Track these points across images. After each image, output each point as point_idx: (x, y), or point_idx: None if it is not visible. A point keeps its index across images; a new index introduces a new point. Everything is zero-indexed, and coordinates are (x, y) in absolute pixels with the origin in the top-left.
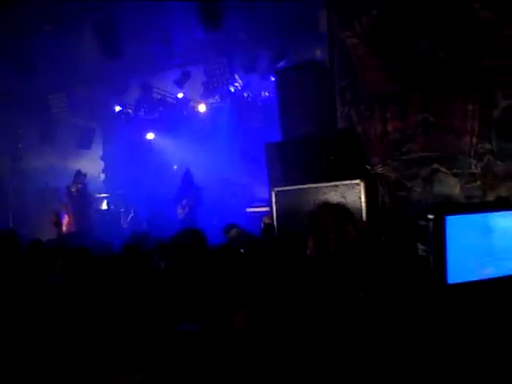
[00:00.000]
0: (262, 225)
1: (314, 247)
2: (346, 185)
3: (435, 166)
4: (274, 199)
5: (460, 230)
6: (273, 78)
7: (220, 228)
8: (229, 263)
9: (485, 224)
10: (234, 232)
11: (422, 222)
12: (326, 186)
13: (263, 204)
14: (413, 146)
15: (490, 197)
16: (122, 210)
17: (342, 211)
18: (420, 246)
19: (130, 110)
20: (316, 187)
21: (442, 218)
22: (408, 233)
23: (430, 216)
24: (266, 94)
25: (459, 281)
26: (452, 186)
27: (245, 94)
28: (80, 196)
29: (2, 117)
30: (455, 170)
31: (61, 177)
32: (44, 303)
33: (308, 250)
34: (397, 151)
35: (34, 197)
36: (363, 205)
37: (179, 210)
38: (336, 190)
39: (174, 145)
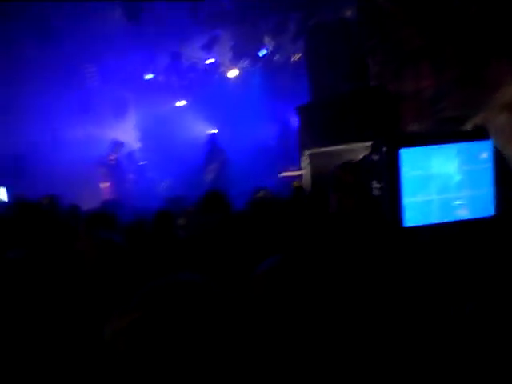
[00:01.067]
0: (292, 188)
1: (335, 206)
2: None
3: (471, 124)
4: (306, 162)
5: (417, 164)
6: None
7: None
8: (253, 224)
9: (447, 157)
10: (261, 193)
11: (375, 157)
12: (359, 147)
13: (297, 168)
14: (447, 104)
15: None
16: (158, 175)
17: (362, 169)
18: (374, 185)
19: (160, 78)
20: (348, 148)
21: (395, 151)
22: None
23: (383, 149)
24: (297, 56)
25: (417, 224)
26: None
27: (275, 58)
28: (118, 164)
29: (36, 89)
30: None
31: (99, 147)
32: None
33: (330, 208)
34: (431, 109)
35: (73, 167)
36: None
37: (206, 175)
38: (367, 151)
39: (207, 110)
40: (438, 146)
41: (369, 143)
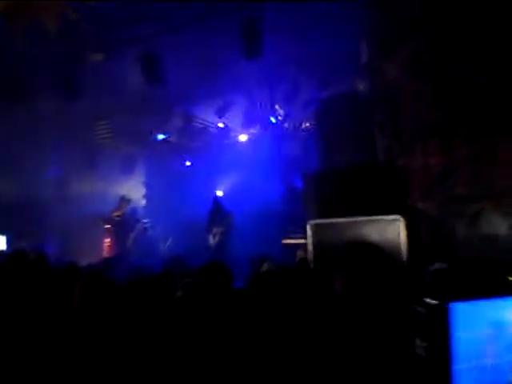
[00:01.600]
0: (297, 258)
1: (341, 285)
2: (385, 220)
3: (481, 203)
4: (309, 232)
5: (472, 321)
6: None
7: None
8: (255, 302)
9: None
10: (265, 265)
11: (421, 309)
12: (365, 221)
13: (300, 235)
14: (457, 181)
15: None
16: (161, 235)
17: (374, 252)
18: (418, 343)
19: (172, 139)
20: (354, 221)
21: (444, 306)
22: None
23: (430, 301)
24: (307, 124)
25: None
26: (499, 225)
27: (285, 125)
28: (123, 221)
29: (47, 142)
30: (503, 208)
31: (104, 202)
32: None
33: (336, 285)
34: (440, 186)
35: (77, 222)
36: (403, 242)
37: (210, 238)
38: (375, 226)
39: (214, 172)
40: (497, 299)
41: (374, 217)
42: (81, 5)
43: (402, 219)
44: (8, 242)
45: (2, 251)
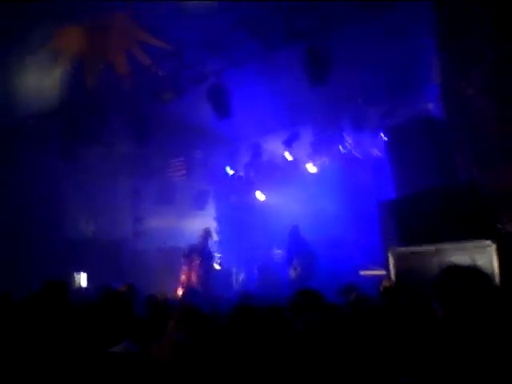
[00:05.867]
0: (381, 288)
1: (443, 314)
2: (475, 246)
3: None
4: (392, 261)
5: None
6: (383, 136)
7: (333, 290)
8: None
9: None
10: (354, 294)
11: None
12: (453, 247)
13: (378, 267)
14: None
15: None
16: (234, 269)
17: (475, 275)
18: None
19: (241, 173)
20: (441, 248)
21: None
22: None
23: None
24: (377, 151)
25: None
26: None
27: (355, 153)
28: (201, 254)
29: (124, 182)
30: None
31: (177, 237)
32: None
33: (438, 315)
34: None
35: (152, 256)
36: (496, 269)
37: (291, 271)
38: (464, 252)
39: (285, 204)
40: None
41: (463, 244)
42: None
43: (493, 244)
44: (88, 279)
45: (84, 288)
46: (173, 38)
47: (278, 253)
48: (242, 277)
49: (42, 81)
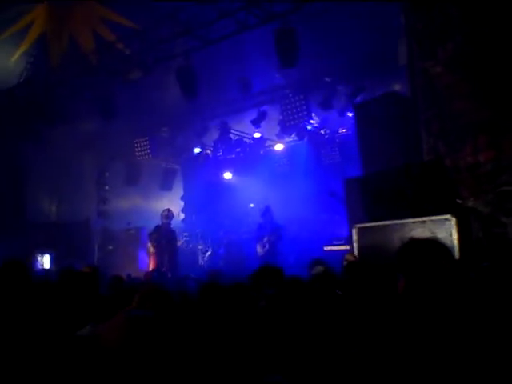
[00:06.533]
0: (344, 263)
1: (405, 287)
2: (435, 220)
3: None
4: (355, 236)
5: None
6: (350, 114)
7: (297, 266)
8: (314, 302)
9: None
10: (319, 269)
11: None
12: (413, 222)
13: (342, 242)
14: (509, 178)
15: None
16: (200, 247)
17: (435, 247)
18: None
19: (208, 151)
20: (402, 223)
21: None
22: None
23: None
24: (344, 130)
25: None
26: None
27: (322, 132)
28: (166, 234)
29: (89, 161)
30: None
31: (144, 217)
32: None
33: (399, 289)
34: (490, 184)
35: (117, 236)
36: (455, 242)
37: (258, 248)
38: (424, 226)
39: (252, 183)
40: None
41: (423, 218)
42: (116, 25)
43: (453, 218)
44: (52, 260)
45: (48, 269)
46: (140, 18)
47: (244, 231)
48: (208, 254)
49: (4, 59)
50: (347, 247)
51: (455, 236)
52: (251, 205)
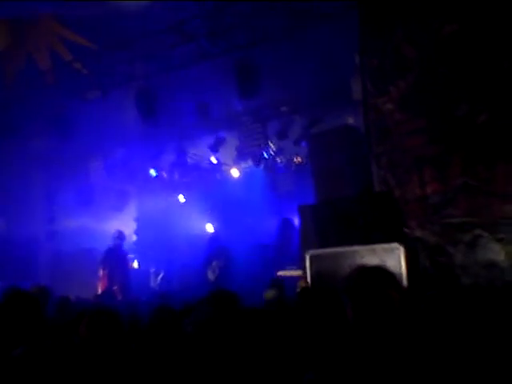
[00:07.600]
0: (298, 289)
1: (353, 314)
2: (384, 248)
3: (478, 231)
4: (308, 263)
5: None
6: (305, 145)
7: (251, 292)
8: (263, 327)
9: None
10: (270, 294)
11: None
12: (364, 250)
13: (294, 267)
14: (453, 210)
15: None
16: (152, 269)
17: (382, 275)
18: None
19: (164, 174)
20: (353, 251)
21: None
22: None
23: None
24: (299, 159)
25: None
26: (496, 253)
27: (278, 159)
28: (116, 256)
29: (40, 180)
30: (500, 236)
31: (94, 238)
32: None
33: (347, 316)
34: (436, 215)
35: (68, 258)
36: (403, 270)
37: (209, 274)
38: (374, 254)
39: (206, 207)
40: None
41: (373, 246)
42: (75, 44)
43: (401, 247)
44: None
45: None
46: (100, 39)
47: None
48: (160, 277)
49: None
50: (300, 273)
51: (403, 264)
52: (207, 229)
